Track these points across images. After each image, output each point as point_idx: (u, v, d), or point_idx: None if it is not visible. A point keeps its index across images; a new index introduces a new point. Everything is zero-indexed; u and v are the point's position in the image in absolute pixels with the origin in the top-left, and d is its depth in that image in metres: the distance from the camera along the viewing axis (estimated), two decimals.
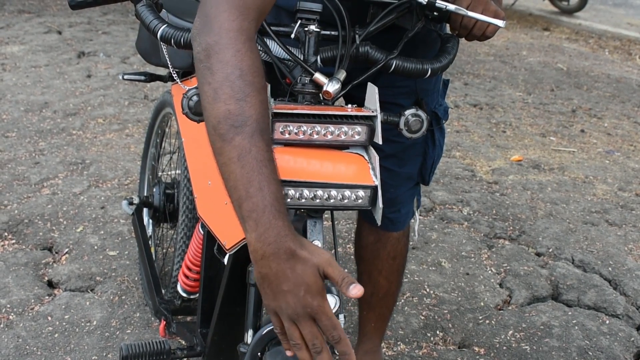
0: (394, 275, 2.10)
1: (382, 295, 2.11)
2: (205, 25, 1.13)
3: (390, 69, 1.41)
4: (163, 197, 2.40)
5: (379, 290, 2.10)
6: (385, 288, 2.10)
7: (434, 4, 1.43)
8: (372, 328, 2.19)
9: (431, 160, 1.87)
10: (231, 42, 1.11)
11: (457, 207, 3.53)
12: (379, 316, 2.17)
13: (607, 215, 3.60)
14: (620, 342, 2.55)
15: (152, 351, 1.82)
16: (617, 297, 2.82)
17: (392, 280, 2.10)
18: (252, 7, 1.15)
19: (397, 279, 2.13)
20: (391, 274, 2.08)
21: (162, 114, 2.61)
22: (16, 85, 4.77)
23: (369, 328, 2.19)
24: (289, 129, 1.25)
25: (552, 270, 3.00)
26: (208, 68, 1.11)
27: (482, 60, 6.81)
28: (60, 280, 2.65)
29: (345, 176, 1.25)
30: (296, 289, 1.04)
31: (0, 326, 2.37)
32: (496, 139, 4.61)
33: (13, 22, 6.47)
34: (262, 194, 1.05)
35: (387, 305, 2.16)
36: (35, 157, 3.68)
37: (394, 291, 2.14)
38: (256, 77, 1.10)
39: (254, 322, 1.37)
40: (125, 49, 5.82)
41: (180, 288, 2.03)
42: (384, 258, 2.05)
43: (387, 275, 2.08)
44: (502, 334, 2.56)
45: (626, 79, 6.67)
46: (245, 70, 1.09)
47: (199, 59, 1.13)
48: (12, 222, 3.01)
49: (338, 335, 1.06)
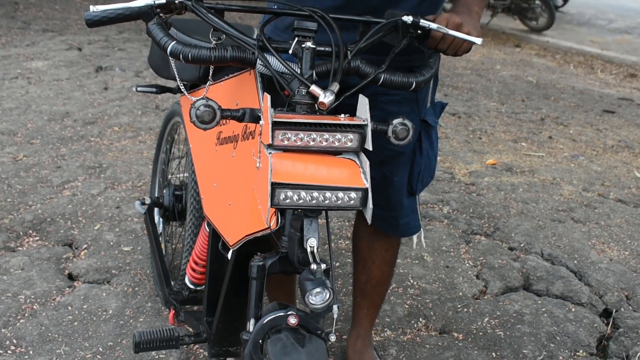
0: (387, 266, 2.09)
1: (374, 283, 2.10)
2: None
3: (379, 82, 1.40)
4: (172, 198, 2.38)
5: (372, 278, 2.09)
6: (377, 277, 2.09)
7: (418, 23, 1.43)
8: (365, 314, 2.18)
9: (418, 168, 1.85)
10: None
11: (437, 207, 3.52)
12: (371, 303, 2.16)
13: (573, 213, 3.59)
14: (584, 328, 2.55)
15: (162, 337, 1.80)
16: (582, 288, 2.82)
17: (384, 271, 2.10)
18: None
19: (389, 270, 2.12)
20: (384, 265, 2.08)
21: (171, 123, 2.60)
22: (40, 97, 4.74)
23: (361, 314, 2.18)
24: (287, 137, 1.24)
25: (523, 263, 2.99)
26: None
27: (460, 74, 6.81)
28: (79, 274, 2.63)
29: (338, 179, 1.24)
30: None
31: (25, 315, 2.35)
32: (473, 144, 4.61)
33: (38, 40, 6.44)
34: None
35: (379, 294, 2.15)
36: (57, 162, 3.66)
37: (385, 280, 2.13)
38: None
39: (256, 312, 1.36)
40: (138, 64, 5.80)
41: (188, 280, 2.02)
42: (378, 250, 2.04)
43: (380, 266, 2.07)
44: (478, 321, 2.55)
45: (589, 90, 6.69)
46: None
47: None
48: (36, 221, 2.99)
49: None
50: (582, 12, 12.33)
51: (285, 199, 1.21)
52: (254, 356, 1.30)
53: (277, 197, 1.21)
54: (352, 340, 2.22)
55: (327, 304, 1.25)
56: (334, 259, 2.89)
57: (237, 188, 1.56)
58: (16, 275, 2.57)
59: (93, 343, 2.23)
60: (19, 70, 5.35)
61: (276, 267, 1.39)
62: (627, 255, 3.17)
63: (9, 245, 2.79)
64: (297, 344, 1.23)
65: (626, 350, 2.43)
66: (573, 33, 10.15)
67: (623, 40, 9.83)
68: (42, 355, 2.15)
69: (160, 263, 2.29)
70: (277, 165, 1.22)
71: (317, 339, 1.29)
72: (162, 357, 2.18)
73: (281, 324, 1.30)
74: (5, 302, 2.39)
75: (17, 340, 2.21)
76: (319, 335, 1.30)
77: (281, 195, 1.21)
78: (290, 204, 1.22)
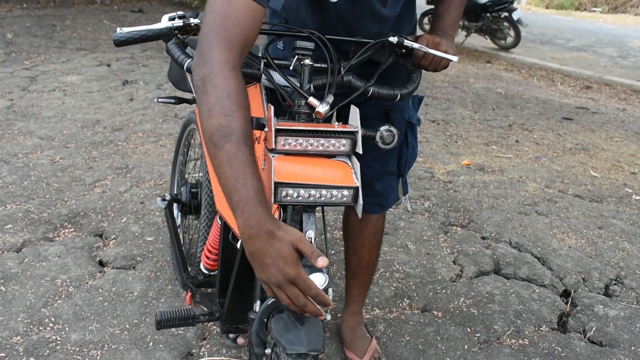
0: (374, 248, 2.08)
1: (364, 265, 2.10)
2: (201, 59, 1.13)
3: (368, 94, 1.40)
4: (189, 195, 2.38)
5: (361, 261, 2.08)
6: (367, 259, 2.09)
7: (402, 43, 1.42)
8: (356, 293, 2.17)
9: (405, 158, 1.88)
10: (220, 70, 1.10)
11: (420, 201, 3.52)
12: (361, 283, 2.15)
13: (537, 207, 3.59)
14: (547, 306, 2.54)
15: (181, 316, 1.80)
16: (544, 272, 2.82)
17: (373, 253, 2.09)
18: (236, 43, 1.15)
19: (376, 252, 2.11)
20: (372, 247, 2.07)
21: (188, 129, 2.59)
22: (74, 107, 4.73)
23: (353, 293, 2.17)
24: (288, 142, 1.24)
25: (494, 251, 2.99)
26: (204, 92, 1.10)
27: (439, 86, 6.80)
28: (108, 260, 2.62)
29: (333, 179, 1.23)
30: (276, 261, 1.04)
31: (62, 297, 2.34)
32: (450, 147, 4.60)
33: (72, 57, 6.42)
34: (246, 188, 1.05)
35: (369, 274, 2.15)
36: (89, 163, 3.65)
37: (374, 262, 2.12)
38: (240, 98, 1.10)
39: (261, 294, 1.35)
40: (160, 78, 5.78)
41: (203, 266, 2.01)
42: (367, 234, 2.03)
43: (368, 249, 2.06)
44: (455, 300, 2.54)
45: (550, 100, 6.68)
46: (232, 92, 1.09)
47: (197, 85, 1.13)
48: (71, 215, 2.98)
49: (315, 292, 1.07)
50: (544, 32, 12.32)
51: (286, 196, 1.21)
52: (259, 333, 1.29)
53: (280, 194, 1.20)
54: (346, 317, 2.21)
55: (324, 287, 1.24)
56: (329, 248, 2.88)
57: None
58: (54, 262, 2.56)
59: (120, 321, 2.22)
60: (55, 84, 5.34)
61: None
62: (584, 243, 3.17)
63: (47, 235, 2.78)
64: (297, 322, 1.23)
65: (583, 326, 2.43)
66: (536, 51, 10.14)
67: (580, 57, 9.82)
68: (76, 332, 2.14)
69: (179, 251, 2.29)
70: (280, 167, 1.22)
71: (314, 317, 1.28)
72: (180, 332, 2.17)
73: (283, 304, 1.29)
74: (45, 285, 2.39)
75: (55, 319, 2.20)
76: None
77: (283, 193, 1.20)
78: (291, 201, 1.21)
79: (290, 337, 1.18)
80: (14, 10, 8.71)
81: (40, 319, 2.19)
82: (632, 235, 3.31)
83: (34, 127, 4.20)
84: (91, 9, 9.47)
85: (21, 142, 3.90)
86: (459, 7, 1.60)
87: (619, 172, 4.41)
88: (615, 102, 6.99)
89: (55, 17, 8.40)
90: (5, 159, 3.61)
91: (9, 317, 2.18)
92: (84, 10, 9.31)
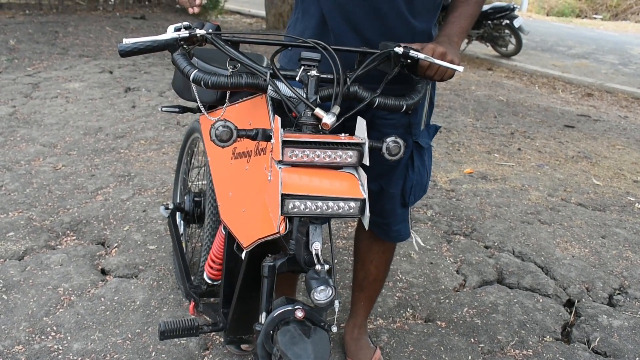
0: (382, 265, 2.06)
1: (371, 280, 2.08)
2: None
3: (374, 105, 1.39)
4: (192, 204, 2.37)
5: (369, 275, 2.07)
6: (374, 275, 2.07)
7: (408, 53, 1.41)
8: (361, 306, 2.16)
9: (410, 183, 1.81)
10: None
11: (422, 210, 3.51)
12: (367, 297, 2.14)
13: (540, 215, 3.58)
14: (551, 316, 2.53)
15: (184, 327, 1.79)
16: (548, 281, 2.81)
17: (381, 270, 2.07)
18: None
19: (385, 269, 2.09)
20: (380, 264, 2.05)
21: (191, 138, 2.58)
22: (77, 114, 4.73)
23: (358, 306, 2.16)
24: (295, 153, 1.23)
25: (497, 260, 2.98)
26: None
27: (441, 94, 6.81)
28: (111, 269, 2.61)
29: (340, 191, 1.23)
30: None
31: (64, 305, 2.33)
32: (452, 155, 4.60)
33: (75, 64, 6.43)
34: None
35: (375, 289, 2.13)
36: (91, 171, 3.64)
37: (381, 278, 2.10)
38: None
39: (267, 306, 1.34)
40: (162, 85, 5.79)
41: (206, 276, 2.01)
42: (375, 252, 2.02)
43: (377, 265, 2.05)
44: (458, 310, 2.53)
45: (552, 108, 6.68)
46: None
47: None
48: (73, 222, 2.98)
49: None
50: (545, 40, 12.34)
51: (293, 208, 1.20)
52: (265, 345, 1.29)
53: (287, 206, 1.20)
54: (349, 328, 2.20)
55: (330, 299, 1.24)
56: (333, 255, 2.87)
57: (250, 197, 1.54)
58: (56, 270, 2.55)
59: (123, 330, 2.21)
60: (58, 91, 5.34)
61: (285, 266, 1.37)
62: (587, 252, 3.16)
63: (49, 243, 2.77)
64: (303, 334, 1.22)
65: (587, 336, 2.42)
66: (538, 58, 10.15)
67: (581, 65, 9.83)
68: (78, 341, 2.13)
69: (182, 260, 2.28)
70: (287, 178, 1.21)
71: (321, 330, 1.28)
72: (182, 342, 2.16)
73: (289, 317, 1.29)
74: (46, 294, 2.38)
75: (57, 327, 2.19)
76: (322, 327, 1.29)
77: (290, 204, 1.20)
78: (298, 213, 1.21)
79: (297, 350, 1.17)
80: (17, 16, 8.73)
81: (42, 328, 2.18)
82: (636, 244, 3.30)
83: (37, 134, 4.20)
84: (93, 16, 9.48)
85: (23, 149, 3.90)
86: (470, 18, 1.60)
87: (622, 180, 4.40)
88: (616, 110, 6.99)
89: (57, 24, 8.41)
90: (8, 166, 3.61)
91: (11, 326, 2.17)
92: (87, 17, 9.33)
